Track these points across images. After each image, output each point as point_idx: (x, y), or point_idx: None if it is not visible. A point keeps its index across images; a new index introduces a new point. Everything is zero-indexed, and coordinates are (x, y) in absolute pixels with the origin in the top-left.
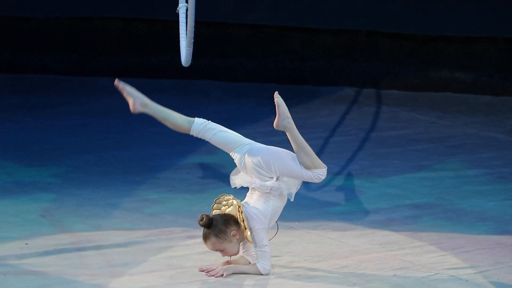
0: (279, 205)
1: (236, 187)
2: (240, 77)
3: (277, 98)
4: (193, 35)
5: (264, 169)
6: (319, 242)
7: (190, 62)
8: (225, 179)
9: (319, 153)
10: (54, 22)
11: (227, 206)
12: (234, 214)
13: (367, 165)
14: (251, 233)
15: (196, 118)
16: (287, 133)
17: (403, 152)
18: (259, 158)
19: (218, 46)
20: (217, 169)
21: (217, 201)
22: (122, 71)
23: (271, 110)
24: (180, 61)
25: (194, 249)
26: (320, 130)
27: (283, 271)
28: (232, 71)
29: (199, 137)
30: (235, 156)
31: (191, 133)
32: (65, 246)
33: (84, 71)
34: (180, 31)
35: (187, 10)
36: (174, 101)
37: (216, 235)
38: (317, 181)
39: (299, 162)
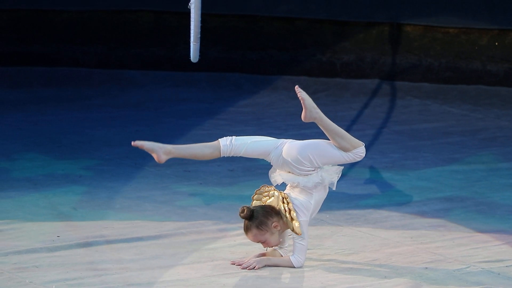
0: (321, 197)
1: (277, 184)
2: (271, 70)
3: (301, 93)
4: (199, 30)
5: (305, 164)
6: (350, 235)
7: (198, 57)
8: (255, 171)
9: None
10: (86, 15)
11: (268, 197)
12: (275, 205)
13: (398, 158)
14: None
15: (220, 140)
16: (317, 124)
17: (435, 145)
18: (297, 155)
19: (249, 39)
20: (247, 162)
21: (258, 191)
22: (153, 64)
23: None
24: (212, 54)
25: (225, 242)
26: (351, 123)
27: (315, 264)
28: (263, 64)
29: (231, 156)
30: (272, 159)
31: (222, 156)
32: (97, 238)
33: (115, 64)
34: (191, 26)
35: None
36: (205, 94)
37: (257, 227)
38: (359, 159)
39: (337, 147)
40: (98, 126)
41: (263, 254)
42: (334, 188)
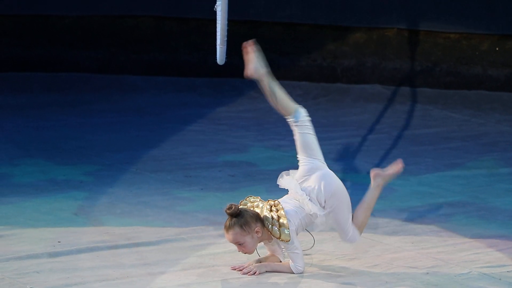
0: (305, 222)
1: (279, 185)
2: (273, 75)
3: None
4: (226, 33)
5: (321, 199)
6: None
7: (224, 60)
8: (256, 177)
9: (352, 151)
10: (87, 21)
11: (252, 207)
12: (260, 214)
13: None
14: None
15: (300, 106)
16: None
17: (436, 150)
18: (327, 187)
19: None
20: (248, 168)
21: (243, 202)
22: (154, 69)
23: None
24: (213, 59)
25: (226, 247)
26: (352, 128)
27: (315, 270)
28: None
29: (292, 124)
30: (305, 164)
31: (289, 117)
32: (98, 244)
33: (117, 69)
34: (217, 29)
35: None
36: (206, 99)
37: (241, 226)
38: (349, 240)
39: (353, 216)
40: (99, 131)
41: (264, 259)
42: (311, 231)
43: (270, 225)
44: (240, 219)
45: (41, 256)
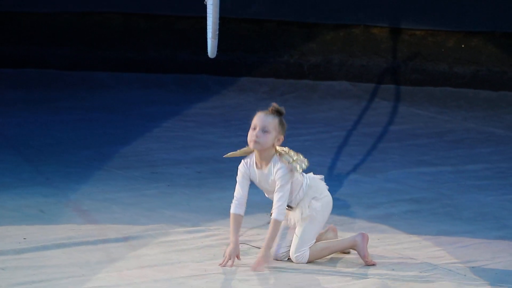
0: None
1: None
2: (239, 71)
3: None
4: (217, 27)
5: (299, 192)
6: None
7: (215, 53)
8: (224, 174)
9: (319, 148)
10: (54, 17)
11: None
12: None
13: (366, 160)
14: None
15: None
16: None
17: (402, 147)
18: (325, 194)
19: (218, 41)
20: (215, 164)
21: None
22: (122, 66)
23: (271, 104)
24: (181, 56)
25: (193, 243)
26: (319, 124)
27: (283, 266)
28: (232, 66)
29: None
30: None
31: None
32: (64, 241)
33: (84, 66)
34: (207, 23)
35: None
36: (173, 96)
37: (279, 122)
38: (298, 256)
39: (311, 242)
40: (66, 128)
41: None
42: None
43: (288, 157)
44: (281, 118)
45: (7, 253)
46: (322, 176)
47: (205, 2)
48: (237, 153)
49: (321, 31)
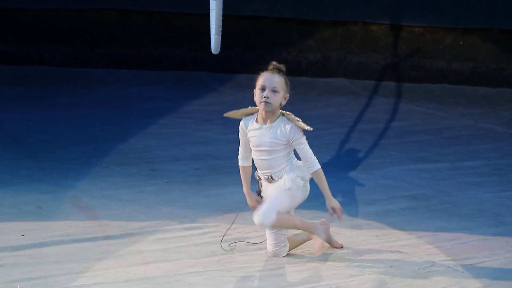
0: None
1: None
2: (237, 68)
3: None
4: (221, 24)
5: (286, 167)
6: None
7: (219, 49)
8: (222, 170)
9: (317, 145)
10: (51, 14)
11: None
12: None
13: (364, 157)
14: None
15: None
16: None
17: (400, 144)
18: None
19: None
20: (213, 161)
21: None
22: (119, 63)
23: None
24: (178, 53)
25: (191, 240)
26: (317, 121)
27: (280, 263)
28: (230, 63)
29: None
30: None
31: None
32: (62, 237)
33: (81, 62)
34: (210, 18)
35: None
36: (171, 93)
37: (286, 81)
38: (263, 218)
39: (281, 209)
40: (63, 125)
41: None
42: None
43: (294, 117)
44: (285, 76)
45: (5, 250)
46: None
47: None
48: (238, 113)
49: (319, 28)
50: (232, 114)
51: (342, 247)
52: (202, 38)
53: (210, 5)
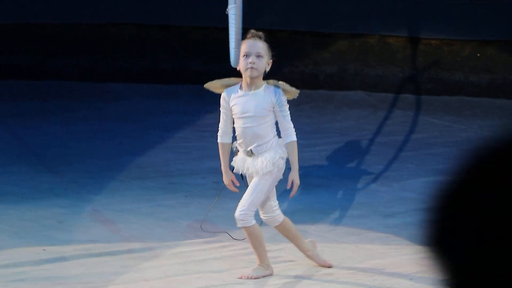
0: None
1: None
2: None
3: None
4: (240, 37)
5: (271, 140)
6: (334, 246)
7: (238, 62)
8: (240, 183)
9: (336, 157)
10: (69, 29)
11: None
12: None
13: (382, 169)
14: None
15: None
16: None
17: (418, 156)
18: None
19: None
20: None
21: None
22: (137, 77)
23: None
24: (194, 65)
25: (210, 254)
26: (335, 134)
27: (299, 274)
28: None
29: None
30: None
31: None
32: (82, 252)
33: (99, 76)
34: (229, 32)
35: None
36: (188, 107)
37: (268, 45)
38: (241, 215)
39: (258, 204)
40: (82, 139)
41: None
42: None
43: (277, 81)
44: (267, 43)
45: (26, 264)
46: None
47: (226, 12)
48: (218, 85)
49: (336, 41)
50: (212, 85)
51: (330, 267)
52: (218, 51)
53: (229, 20)
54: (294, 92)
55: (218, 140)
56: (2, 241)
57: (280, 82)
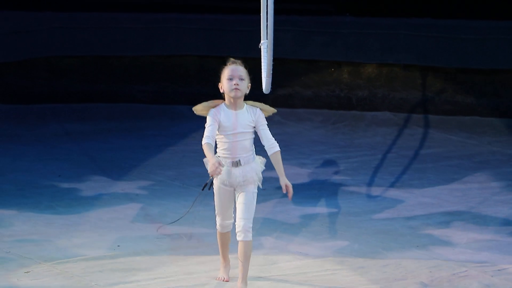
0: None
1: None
2: (297, 104)
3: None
4: (271, 68)
5: (252, 154)
6: (365, 242)
7: (269, 90)
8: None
9: (365, 168)
10: (141, 59)
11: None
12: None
13: (405, 179)
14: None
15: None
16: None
17: (437, 167)
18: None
19: (279, 78)
20: (277, 182)
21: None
22: (198, 100)
23: (326, 132)
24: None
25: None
26: (365, 148)
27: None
28: (291, 99)
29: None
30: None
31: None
32: (152, 247)
33: (166, 100)
34: (262, 64)
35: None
36: None
37: (246, 72)
38: (243, 224)
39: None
40: (151, 152)
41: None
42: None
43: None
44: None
45: (104, 258)
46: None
47: (259, 46)
48: (205, 108)
49: (367, 69)
50: (199, 110)
51: (225, 281)
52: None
53: (262, 52)
54: (271, 110)
55: (205, 142)
56: (86, 238)
57: (257, 103)
